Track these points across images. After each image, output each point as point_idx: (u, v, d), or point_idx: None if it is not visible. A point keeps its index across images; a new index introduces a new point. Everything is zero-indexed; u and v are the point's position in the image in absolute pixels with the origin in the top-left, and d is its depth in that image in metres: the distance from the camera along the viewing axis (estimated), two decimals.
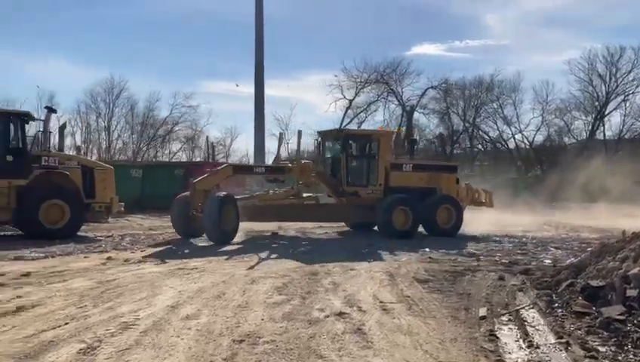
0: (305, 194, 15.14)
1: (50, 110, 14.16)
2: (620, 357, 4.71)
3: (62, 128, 14.15)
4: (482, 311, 6.27)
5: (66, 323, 5.59)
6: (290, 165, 14.91)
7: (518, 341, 5.24)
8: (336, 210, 15.40)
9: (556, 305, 6.52)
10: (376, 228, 15.14)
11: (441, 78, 44.76)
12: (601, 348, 4.90)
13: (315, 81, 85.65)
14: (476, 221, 16.37)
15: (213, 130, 66.91)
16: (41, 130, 13.84)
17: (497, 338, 5.31)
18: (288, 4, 65.79)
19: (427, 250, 11.91)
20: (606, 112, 43.96)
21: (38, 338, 5.05)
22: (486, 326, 5.74)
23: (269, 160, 42.62)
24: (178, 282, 7.89)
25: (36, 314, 6.03)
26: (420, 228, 14.95)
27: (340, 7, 69.53)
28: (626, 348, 4.88)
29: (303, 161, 14.86)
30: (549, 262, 10.48)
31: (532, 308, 6.50)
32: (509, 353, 4.89)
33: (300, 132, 17.67)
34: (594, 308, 5.94)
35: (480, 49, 66.32)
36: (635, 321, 5.30)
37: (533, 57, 66.11)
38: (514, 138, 45.59)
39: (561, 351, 4.89)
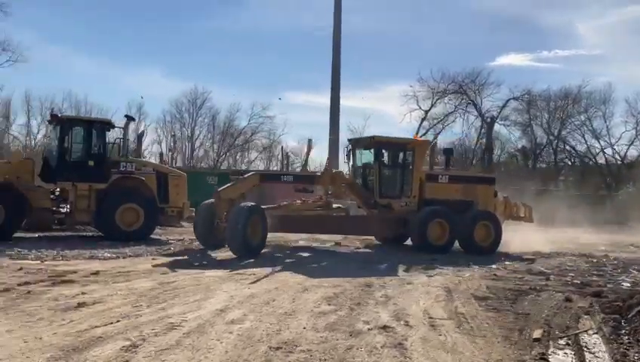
0: (334, 205, 14.31)
1: (130, 118, 15.02)
2: None
3: (140, 136, 14.98)
4: (537, 333, 5.90)
5: (118, 321, 5.85)
6: (319, 174, 14.10)
7: None
8: (367, 223, 14.38)
9: (623, 331, 6.04)
10: (407, 242, 14.36)
11: (524, 89, 43.09)
12: None
13: (391, 92, 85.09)
14: (546, 239, 15.54)
15: (289, 139, 67.98)
16: (121, 137, 14.65)
17: None
18: (366, 14, 65.80)
19: (494, 266, 11.44)
20: None
21: (88, 334, 5.31)
22: (539, 349, 5.39)
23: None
24: (233, 287, 8.04)
25: (94, 310, 6.36)
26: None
27: (420, 18, 68.77)
28: None
29: (333, 170, 14.12)
30: (628, 285, 9.71)
31: (595, 333, 6.05)
32: None
33: (309, 141, 17.42)
34: None
35: (569, 59, 63.33)
36: None
37: (628, 68, 62.07)
38: (603, 152, 42.98)
39: None
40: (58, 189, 14.11)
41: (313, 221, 13.73)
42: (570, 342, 5.70)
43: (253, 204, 12.05)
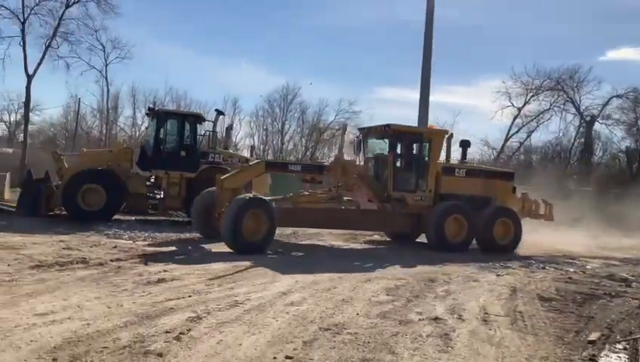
0: (345, 198, 13.29)
1: (219, 113, 15.97)
2: None
3: (228, 129, 15.84)
4: (594, 335, 5.80)
5: (189, 296, 6.46)
6: (329, 164, 13.13)
7: None
8: (380, 218, 13.18)
9: None
10: (420, 239, 13.74)
11: (629, 87, 40.24)
12: None
13: (484, 87, 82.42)
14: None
15: None
16: (211, 130, 15.62)
17: None
18: (462, 7, 64.07)
19: (571, 269, 11.06)
20: None
21: (162, 305, 5.94)
22: (591, 350, 5.33)
23: None
24: (299, 274, 8.47)
25: (171, 286, 7.04)
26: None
27: (517, 12, 66.02)
28: None
29: (345, 160, 13.03)
30: None
31: None
32: None
33: (345, 126, 15.39)
34: None
35: None
36: None
37: None
38: None
39: None
40: (153, 177, 15.33)
41: (320, 215, 12.54)
42: (627, 346, 5.57)
43: (254, 195, 11.09)
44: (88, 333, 4.76)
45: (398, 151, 13.28)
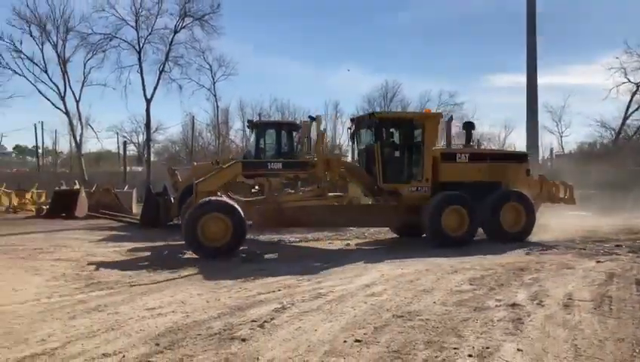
0: (330, 194, 12.17)
1: (312, 119, 16.61)
2: None
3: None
4: None
5: (279, 290, 7.07)
6: (314, 159, 12.23)
7: None
8: (373, 213, 12.37)
9: None
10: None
11: None
12: None
13: (593, 66, 76.59)
14: None
15: (484, 125, 65.66)
16: (306, 136, 16.35)
17: None
18: None
19: None
20: None
21: (254, 298, 6.60)
22: None
23: (542, 154, 40.41)
24: (387, 268, 8.80)
25: (265, 282, 7.71)
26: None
27: None
28: None
29: (329, 155, 12.23)
30: None
31: None
32: None
33: (317, 117, 14.18)
34: None
35: None
36: None
37: None
38: None
39: None
40: (257, 186, 16.36)
41: (304, 213, 11.60)
42: None
43: (215, 198, 10.63)
44: (187, 323, 5.49)
45: (388, 139, 12.29)
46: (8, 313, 5.94)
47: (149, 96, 31.95)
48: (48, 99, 31.29)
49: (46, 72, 30.92)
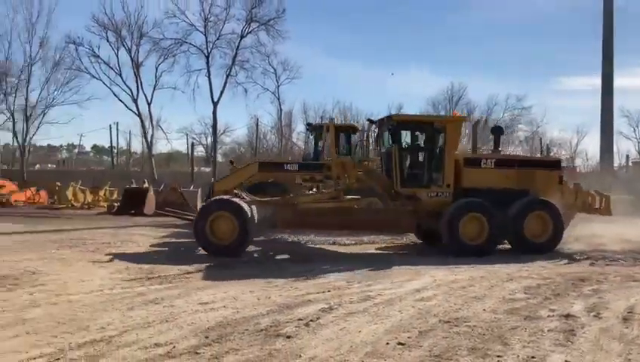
0: (348, 197, 11.72)
1: (371, 122, 16.63)
2: None
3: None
4: None
5: (329, 291, 7.16)
6: (329, 161, 12.05)
7: None
8: (389, 217, 11.67)
9: None
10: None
11: None
12: None
13: None
14: None
15: (553, 129, 63.36)
16: (364, 139, 16.42)
17: None
18: None
19: None
20: None
21: (303, 298, 6.73)
22: None
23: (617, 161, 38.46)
24: (441, 273, 8.69)
25: (316, 281, 7.85)
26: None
27: None
28: None
29: (344, 158, 12.39)
30: None
31: None
32: None
33: (332, 121, 13.99)
34: None
35: None
36: None
37: None
38: None
39: None
40: (314, 188, 16.57)
41: (319, 214, 11.31)
42: None
43: (226, 197, 10.91)
44: (236, 319, 5.68)
45: (408, 142, 12.08)
46: (75, 301, 6.35)
47: (215, 99, 32.94)
48: (122, 102, 32.84)
49: (120, 75, 32.47)
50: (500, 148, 13.75)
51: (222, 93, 32.92)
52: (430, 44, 68.92)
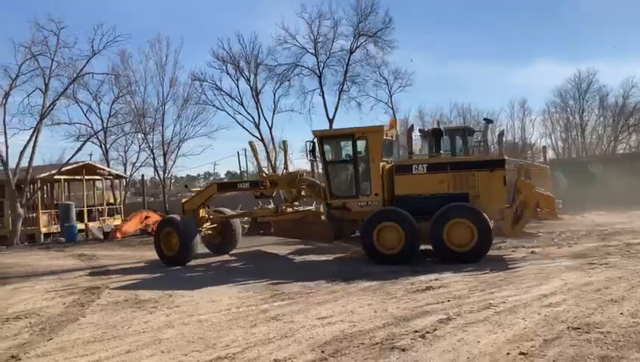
0: (289, 210, 13.26)
1: (488, 121, 16.02)
2: None
3: (500, 135, 15.70)
4: None
5: (448, 301, 6.98)
6: (276, 177, 13.38)
7: None
8: (319, 228, 12.37)
9: None
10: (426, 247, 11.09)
11: None
12: None
13: None
14: None
15: None
16: (482, 139, 15.79)
17: None
18: None
19: None
20: None
21: (420, 309, 6.62)
22: None
23: None
24: (573, 276, 8.09)
25: (436, 292, 7.66)
26: None
27: None
28: None
29: (290, 172, 13.56)
30: None
31: None
32: None
33: (284, 143, 15.33)
34: None
35: None
36: None
37: None
38: None
39: None
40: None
41: (271, 225, 13.40)
42: None
43: (174, 216, 13.30)
44: (352, 332, 5.73)
45: (333, 155, 12.27)
46: (204, 321, 6.81)
47: (331, 116, 33.62)
48: (245, 129, 34.65)
49: (242, 104, 34.38)
50: (440, 152, 13.95)
51: (336, 109, 33.49)
52: (548, 33, 64.85)
